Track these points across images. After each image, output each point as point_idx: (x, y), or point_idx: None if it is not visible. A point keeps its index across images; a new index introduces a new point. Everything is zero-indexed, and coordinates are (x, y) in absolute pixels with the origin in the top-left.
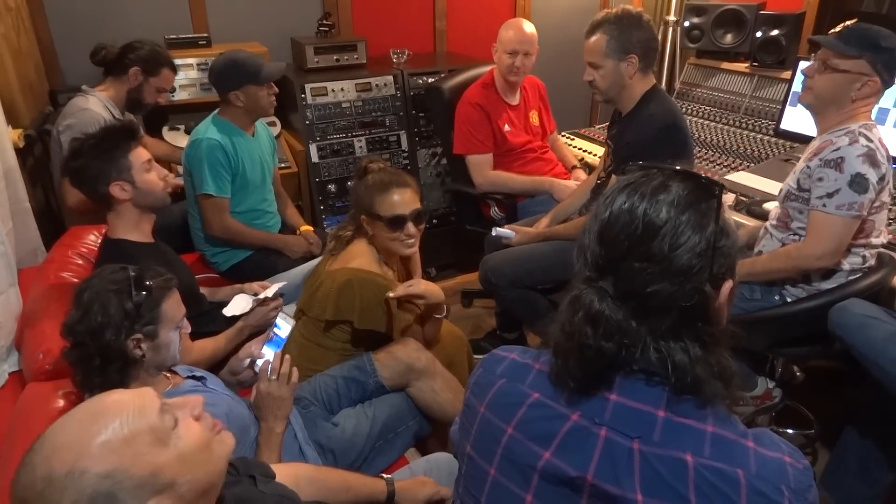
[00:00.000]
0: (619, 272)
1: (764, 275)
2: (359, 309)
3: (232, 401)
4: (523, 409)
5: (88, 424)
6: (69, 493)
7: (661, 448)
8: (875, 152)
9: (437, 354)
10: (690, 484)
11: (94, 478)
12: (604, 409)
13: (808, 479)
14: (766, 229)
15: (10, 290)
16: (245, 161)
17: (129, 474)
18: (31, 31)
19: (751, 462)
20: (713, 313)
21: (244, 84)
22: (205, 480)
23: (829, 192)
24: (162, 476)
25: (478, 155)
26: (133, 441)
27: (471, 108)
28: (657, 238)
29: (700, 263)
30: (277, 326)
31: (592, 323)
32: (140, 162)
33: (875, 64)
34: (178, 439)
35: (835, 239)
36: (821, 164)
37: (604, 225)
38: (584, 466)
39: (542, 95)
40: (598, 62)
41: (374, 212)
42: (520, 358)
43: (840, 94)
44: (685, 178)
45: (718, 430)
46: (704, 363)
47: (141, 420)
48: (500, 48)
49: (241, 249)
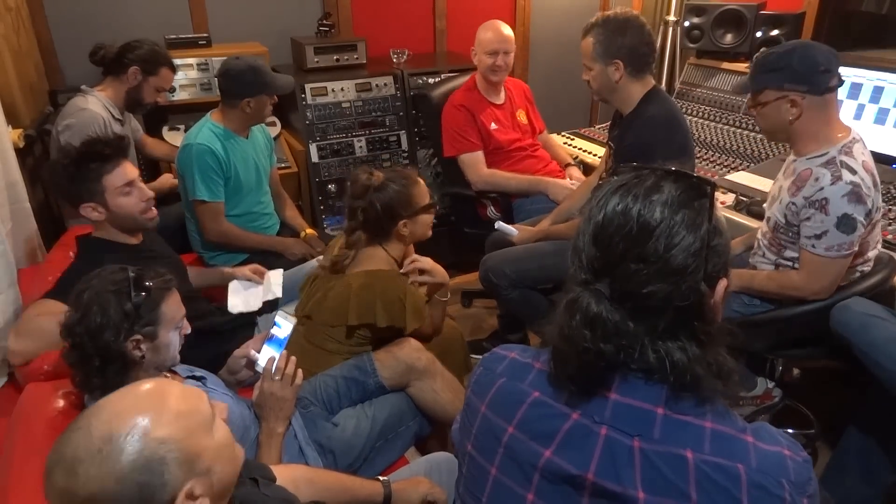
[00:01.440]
0: (616, 274)
1: (758, 294)
2: (380, 307)
3: (232, 401)
4: (524, 408)
5: (151, 395)
6: (128, 451)
7: (662, 445)
8: (860, 187)
9: (433, 346)
10: (691, 480)
11: (152, 441)
12: (603, 408)
13: (807, 471)
14: (758, 245)
15: (9, 290)
16: (238, 164)
17: (182, 446)
18: (31, 31)
19: (751, 456)
20: (709, 312)
21: (260, 93)
22: (230, 476)
23: (818, 234)
24: (203, 459)
25: (469, 154)
26: (190, 417)
27: (455, 111)
28: (652, 239)
29: (695, 263)
30: (277, 325)
31: (591, 326)
32: (116, 185)
33: (780, 84)
34: (217, 431)
35: (829, 276)
36: (805, 203)
37: (598, 227)
38: (584, 465)
39: (527, 96)
40: (588, 64)
41: (416, 208)
42: (520, 357)
43: (780, 123)
44: (677, 178)
45: (718, 426)
46: (702, 361)
47: (196, 403)
48: (479, 50)
49: (239, 252)
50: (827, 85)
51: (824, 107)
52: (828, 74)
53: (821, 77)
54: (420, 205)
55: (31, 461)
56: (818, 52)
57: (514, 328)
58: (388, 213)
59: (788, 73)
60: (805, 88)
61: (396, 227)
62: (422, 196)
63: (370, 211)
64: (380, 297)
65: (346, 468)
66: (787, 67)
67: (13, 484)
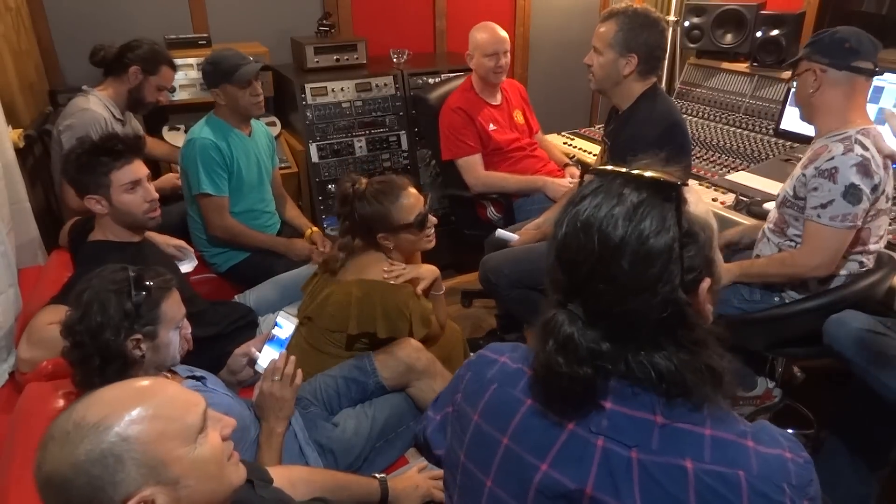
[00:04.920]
0: (585, 295)
1: (759, 278)
2: (381, 318)
3: (232, 401)
4: (518, 418)
5: (137, 393)
6: (88, 441)
7: (660, 456)
8: (869, 162)
9: (433, 346)
10: (691, 490)
11: (115, 437)
12: (600, 418)
13: (809, 473)
14: (763, 233)
15: (9, 290)
16: (240, 160)
17: (145, 448)
18: (31, 31)
19: (752, 462)
20: (692, 317)
21: (221, 83)
22: (204, 495)
23: (823, 203)
24: (171, 469)
25: (466, 157)
26: (169, 423)
27: (452, 114)
28: (616, 257)
29: (666, 274)
30: (278, 325)
31: (563, 350)
32: (122, 182)
33: (810, 56)
34: (200, 445)
35: (829, 250)
36: (815, 173)
37: (560, 248)
38: (582, 479)
39: (523, 96)
40: (601, 49)
41: (395, 225)
42: (510, 362)
43: (804, 96)
44: (639, 184)
45: (717, 433)
46: (691, 367)
47: (182, 412)
48: (476, 52)
49: (241, 251)
50: (849, 63)
51: (846, 85)
52: (853, 53)
53: (844, 52)
54: (400, 223)
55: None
56: (851, 33)
57: (512, 328)
58: (365, 226)
59: (818, 46)
60: (827, 61)
61: (380, 239)
62: (403, 213)
63: (352, 219)
64: (380, 308)
65: (347, 468)
66: (819, 41)
67: (13, 484)
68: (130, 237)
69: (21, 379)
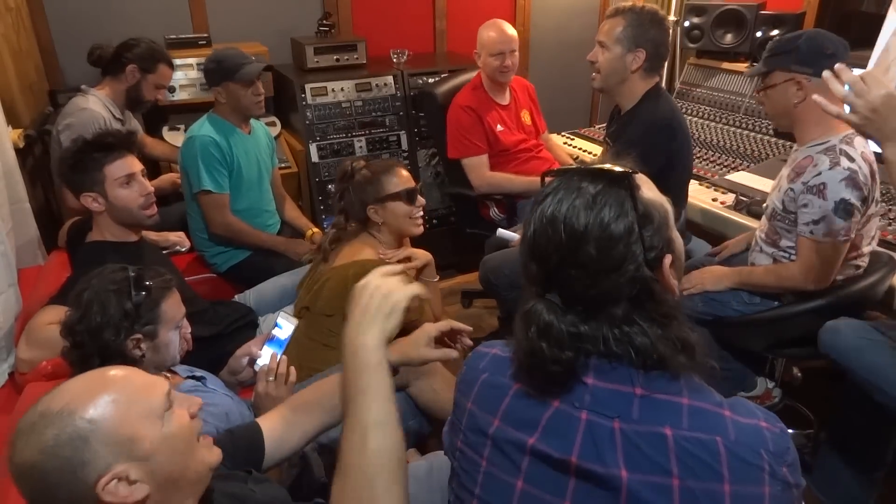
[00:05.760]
0: (559, 283)
1: (756, 288)
2: None
3: (232, 401)
4: (507, 400)
5: (101, 380)
6: (54, 426)
7: (641, 424)
8: (857, 174)
9: None
10: (672, 455)
11: (79, 420)
12: (583, 394)
13: (785, 441)
14: (756, 241)
15: (9, 290)
16: (240, 158)
17: (111, 428)
18: (31, 31)
19: (729, 430)
20: (660, 292)
21: (223, 81)
22: (176, 469)
23: (816, 220)
24: (141, 445)
25: (473, 157)
26: (132, 404)
27: (461, 112)
28: (582, 244)
29: (631, 255)
30: (279, 326)
31: (545, 336)
32: (116, 176)
33: (788, 66)
34: (168, 422)
35: (825, 264)
36: (804, 189)
37: (531, 244)
38: (567, 449)
39: (531, 96)
40: (608, 44)
41: (385, 195)
42: (501, 352)
43: (785, 107)
44: (595, 177)
45: (694, 402)
46: (665, 339)
47: (145, 394)
48: (484, 52)
49: (241, 250)
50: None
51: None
52: (834, 59)
53: (827, 61)
54: (388, 192)
55: None
56: (826, 39)
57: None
58: (357, 197)
59: (796, 56)
60: (811, 71)
61: (369, 211)
62: (392, 184)
63: (346, 195)
64: None
65: None
66: (795, 50)
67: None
68: (128, 237)
69: (20, 379)
